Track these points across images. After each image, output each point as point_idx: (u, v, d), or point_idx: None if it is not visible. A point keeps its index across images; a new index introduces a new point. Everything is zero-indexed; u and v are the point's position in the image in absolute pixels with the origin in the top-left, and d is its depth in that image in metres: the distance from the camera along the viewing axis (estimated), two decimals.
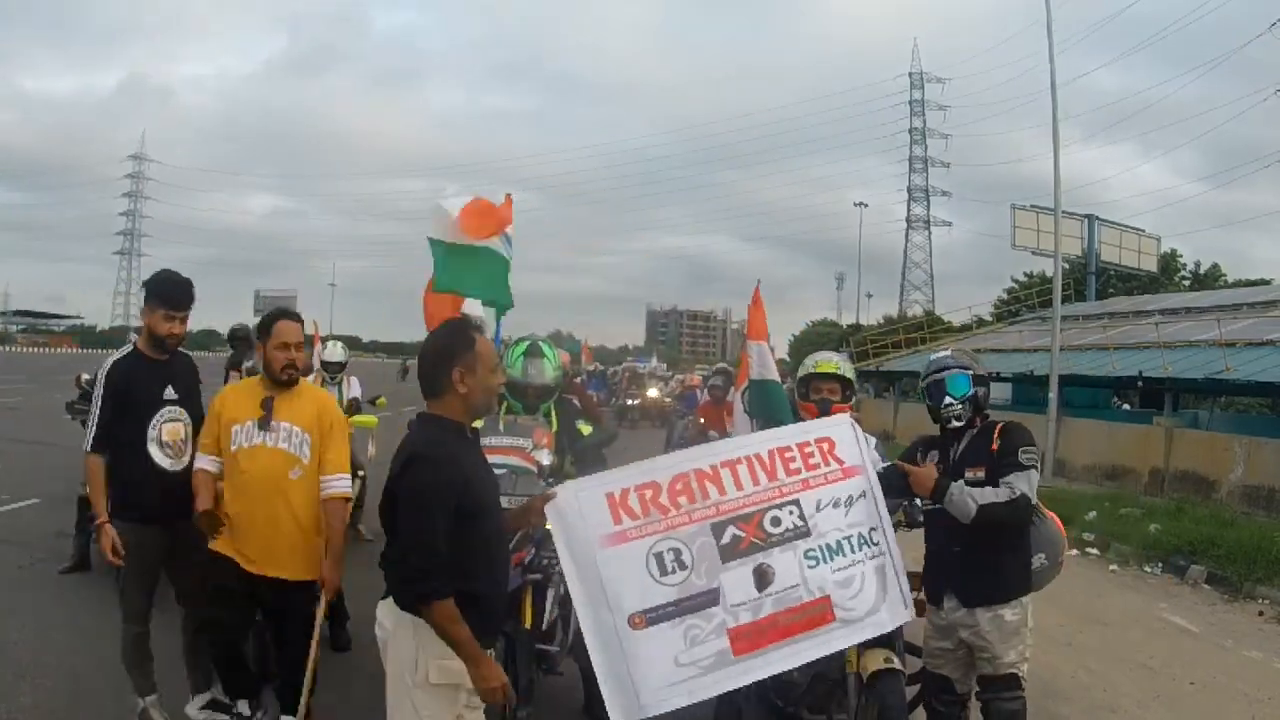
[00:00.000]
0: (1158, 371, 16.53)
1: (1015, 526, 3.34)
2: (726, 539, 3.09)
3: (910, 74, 65.58)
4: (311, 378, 7.90)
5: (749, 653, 3.01)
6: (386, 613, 2.58)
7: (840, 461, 3.38)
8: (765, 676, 3.14)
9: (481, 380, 2.61)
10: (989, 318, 36.61)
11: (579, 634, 3.92)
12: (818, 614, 3.13)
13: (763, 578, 3.09)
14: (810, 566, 3.17)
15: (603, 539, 2.97)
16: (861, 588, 3.22)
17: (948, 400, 3.55)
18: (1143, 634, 6.49)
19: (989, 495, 3.27)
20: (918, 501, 3.64)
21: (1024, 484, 3.28)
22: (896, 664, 3.54)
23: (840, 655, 3.47)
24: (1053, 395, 15.37)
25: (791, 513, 3.21)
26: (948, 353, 3.77)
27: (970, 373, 3.57)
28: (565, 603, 3.84)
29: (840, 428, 3.50)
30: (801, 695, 3.65)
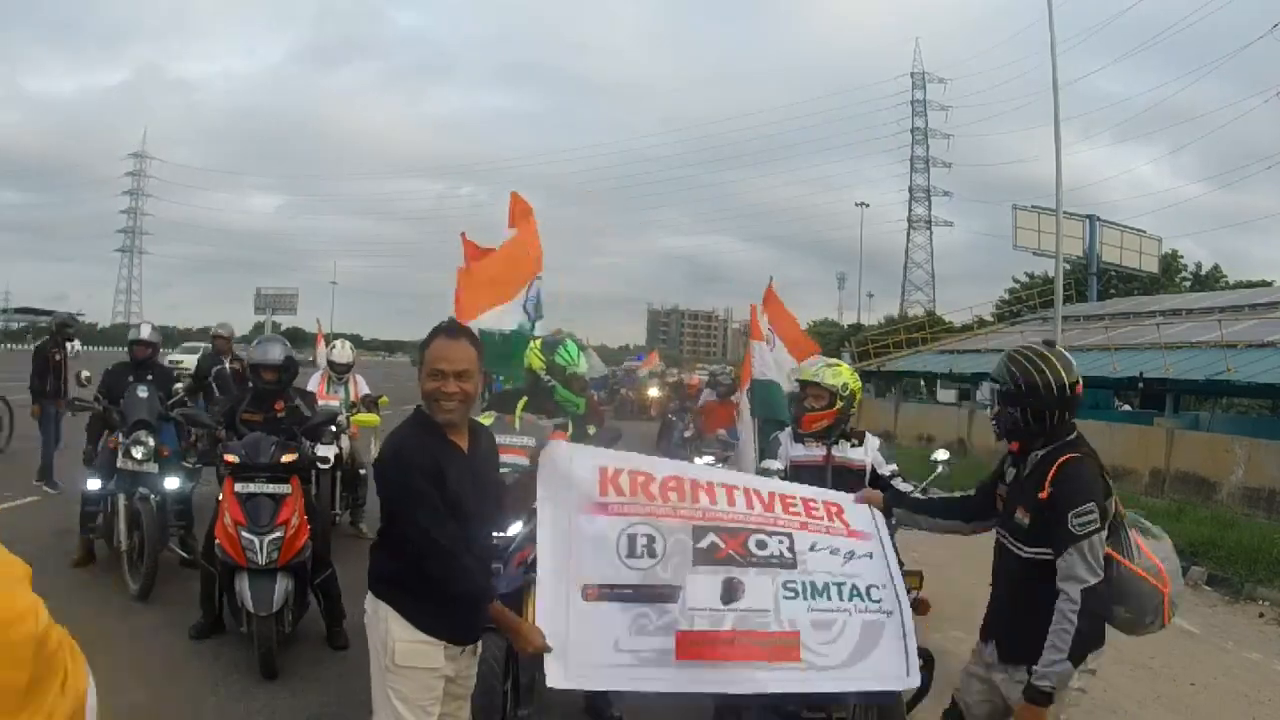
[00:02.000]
0: (1159, 372, 16.54)
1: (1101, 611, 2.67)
2: (704, 544, 2.97)
3: (912, 74, 65.54)
4: (317, 377, 7.96)
5: (693, 660, 2.85)
6: (370, 597, 2.65)
7: (846, 524, 3.21)
8: (709, 692, 3.00)
9: (422, 382, 2.60)
10: (990, 318, 36.58)
11: None
12: (783, 648, 2.91)
13: (731, 591, 2.94)
14: (786, 598, 2.96)
15: (584, 505, 2.91)
16: (840, 635, 2.96)
17: (989, 412, 3.08)
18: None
19: (1066, 632, 2.56)
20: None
21: (1082, 569, 2.58)
22: None
23: None
24: None
25: (781, 542, 3.05)
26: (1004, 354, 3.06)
27: (999, 388, 2.88)
28: None
29: (856, 506, 3.32)
30: (803, 695, 3.63)
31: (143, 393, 6.11)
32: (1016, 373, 2.85)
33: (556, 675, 2.79)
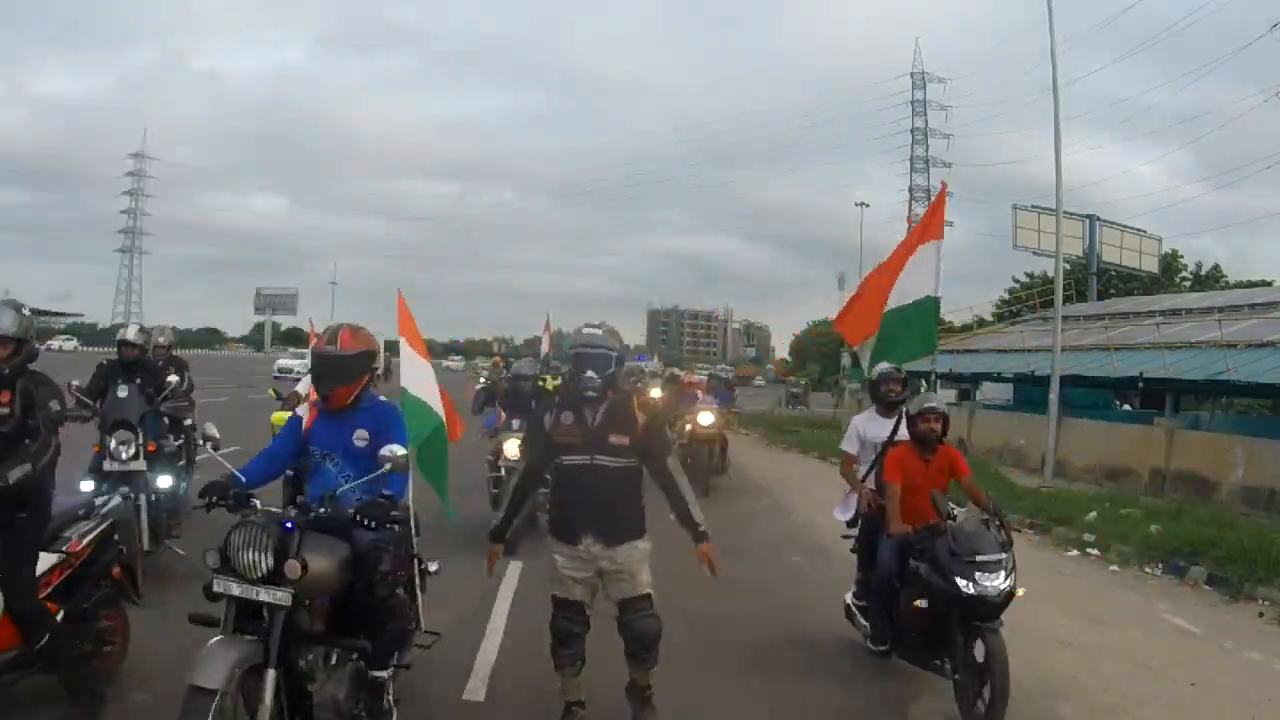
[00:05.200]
0: (1159, 372, 16.52)
1: None
2: None
3: (912, 74, 65.34)
4: (310, 378, 7.91)
5: None
6: None
7: None
8: None
9: None
10: (990, 318, 36.56)
11: None
12: None
13: None
14: None
15: None
16: None
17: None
18: (1143, 634, 6.49)
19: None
20: None
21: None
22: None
23: None
24: (1053, 396, 15.35)
25: None
26: None
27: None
28: None
29: None
30: None
31: (122, 393, 6.07)
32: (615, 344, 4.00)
33: None
